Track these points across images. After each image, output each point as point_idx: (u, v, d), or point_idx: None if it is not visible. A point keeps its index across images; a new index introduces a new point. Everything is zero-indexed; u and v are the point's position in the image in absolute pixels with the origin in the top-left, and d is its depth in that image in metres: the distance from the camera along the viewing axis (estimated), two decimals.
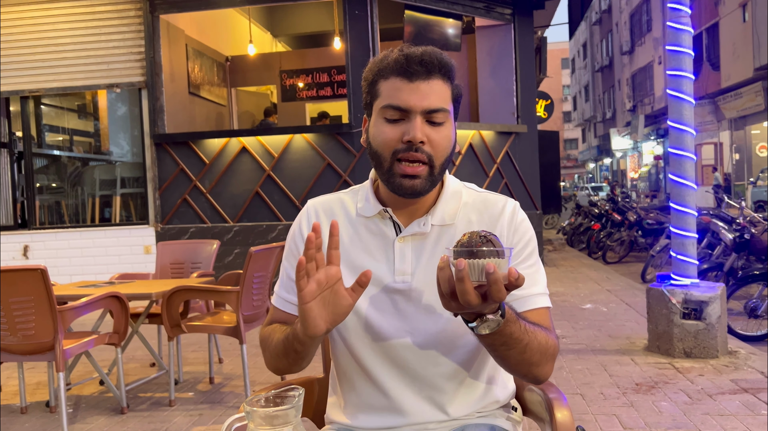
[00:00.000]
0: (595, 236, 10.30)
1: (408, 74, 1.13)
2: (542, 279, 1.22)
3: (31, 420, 3.34)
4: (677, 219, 4.10)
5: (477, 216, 1.22)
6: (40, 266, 2.82)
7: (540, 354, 1.12)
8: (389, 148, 1.14)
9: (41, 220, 8.01)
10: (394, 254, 1.20)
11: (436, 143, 1.14)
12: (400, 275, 1.19)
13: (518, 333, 1.07)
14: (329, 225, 1.19)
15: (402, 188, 1.15)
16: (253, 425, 0.86)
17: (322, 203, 1.30)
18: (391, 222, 1.22)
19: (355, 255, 1.22)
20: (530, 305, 1.18)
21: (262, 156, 7.17)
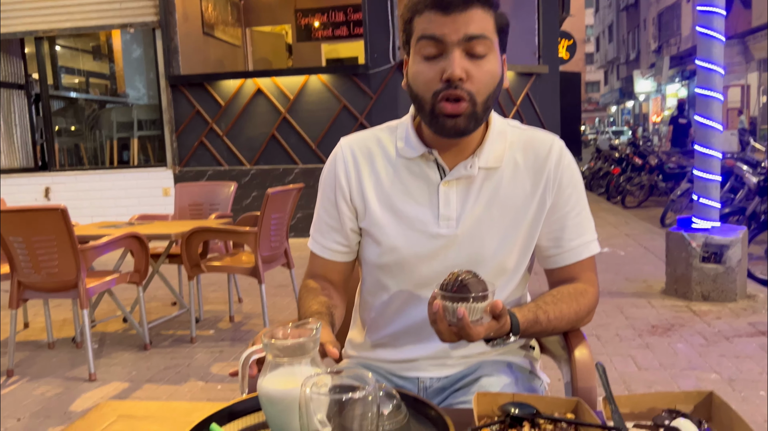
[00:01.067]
0: (614, 180, 10.16)
1: (443, 6, 1.04)
2: (590, 226, 1.18)
3: (58, 355, 3.45)
4: (701, 161, 4.01)
5: (522, 158, 1.16)
6: (60, 206, 2.85)
7: (571, 325, 1.14)
8: (429, 89, 1.07)
9: (61, 162, 8.08)
10: (439, 198, 1.14)
11: (477, 78, 1.05)
12: (444, 220, 1.14)
13: (541, 329, 1.08)
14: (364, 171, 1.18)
15: (444, 129, 1.08)
16: (270, 356, 0.86)
17: (358, 142, 1.22)
18: (435, 165, 1.15)
19: (396, 198, 1.16)
20: (576, 257, 1.16)
21: (278, 98, 7.09)
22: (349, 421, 0.74)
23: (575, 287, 1.15)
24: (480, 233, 1.14)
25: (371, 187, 1.18)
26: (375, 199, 1.18)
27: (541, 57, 8.24)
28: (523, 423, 0.84)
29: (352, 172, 1.20)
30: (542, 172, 1.15)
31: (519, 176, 1.15)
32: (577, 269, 1.17)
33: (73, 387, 2.98)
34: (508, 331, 1.01)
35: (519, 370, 1.21)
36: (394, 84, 6.81)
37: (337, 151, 1.23)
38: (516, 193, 1.15)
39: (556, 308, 1.09)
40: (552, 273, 1.20)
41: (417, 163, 1.16)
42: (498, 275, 1.17)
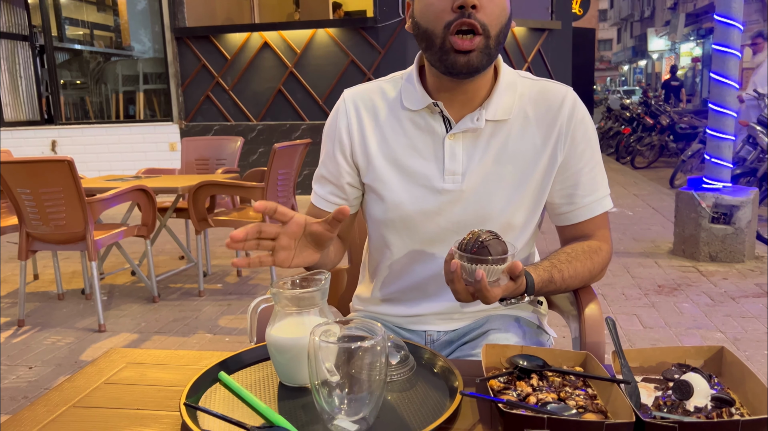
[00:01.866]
0: (624, 140, 10.05)
1: None
2: (603, 181, 1.16)
3: (68, 306, 3.50)
4: (715, 120, 3.94)
5: (533, 110, 1.12)
6: (67, 158, 2.84)
7: (584, 283, 1.13)
8: (440, 21, 1.01)
9: (67, 116, 8.04)
10: (444, 152, 1.11)
11: (488, 9, 1.01)
12: (450, 175, 1.11)
13: (556, 288, 1.06)
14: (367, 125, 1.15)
15: (456, 65, 1.03)
16: (279, 307, 0.86)
17: (361, 94, 1.19)
18: (440, 117, 1.11)
19: (400, 152, 1.13)
20: (590, 213, 1.14)
21: (285, 52, 6.98)
22: (357, 370, 0.74)
23: (589, 245, 1.13)
24: (487, 189, 1.11)
25: (375, 142, 1.15)
26: (379, 154, 1.15)
27: (553, 12, 8.05)
28: (531, 375, 0.83)
29: (354, 126, 1.17)
30: (554, 125, 1.11)
31: (529, 129, 1.11)
32: (591, 225, 1.15)
33: (83, 337, 3.02)
34: (523, 291, 1.00)
35: (527, 325, 1.21)
36: (403, 38, 6.68)
37: (340, 104, 1.20)
38: (525, 147, 1.11)
39: (571, 266, 1.07)
40: (564, 230, 1.18)
41: (422, 116, 1.13)
42: (505, 232, 1.14)
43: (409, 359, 0.92)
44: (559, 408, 0.75)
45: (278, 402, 0.82)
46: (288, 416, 0.77)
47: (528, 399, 0.78)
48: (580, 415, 0.74)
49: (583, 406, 0.76)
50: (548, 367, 0.85)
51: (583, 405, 0.77)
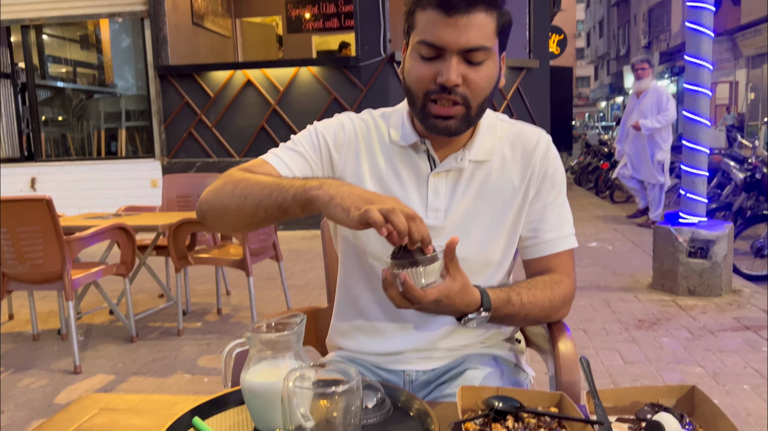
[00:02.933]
0: (603, 175, 10.20)
1: (446, 7, 1.02)
2: (569, 220, 1.20)
3: (43, 347, 3.43)
4: (689, 156, 4.03)
5: (510, 151, 1.17)
6: (45, 196, 2.82)
7: (545, 312, 1.14)
8: (422, 88, 1.07)
9: (47, 153, 8.00)
10: (428, 189, 1.15)
11: (473, 84, 1.05)
12: (432, 212, 1.15)
13: (514, 311, 1.08)
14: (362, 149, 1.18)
15: (435, 129, 1.09)
16: (254, 350, 0.86)
17: (359, 121, 1.22)
18: (426, 155, 1.16)
19: (390, 184, 1.17)
20: (554, 249, 1.17)
21: (268, 89, 7.05)
22: (332, 415, 0.74)
23: (551, 277, 1.16)
24: (467, 225, 1.15)
25: (367, 170, 1.18)
26: (371, 180, 1.17)
27: (531, 51, 8.25)
28: (506, 417, 0.84)
29: (351, 147, 1.19)
30: (529, 164, 1.17)
31: (507, 169, 1.17)
32: (554, 261, 1.18)
33: (58, 379, 2.96)
34: (478, 306, 1.01)
35: (504, 363, 1.21)
36: (385, 76, 6.79)
37: (343, 120, 1.22)
38: (504, 185, 1.16)
39: (530, 293, 1.10)
40: (529, 265, 1.21)
41: (408, 152, 1.17)
42: (484, 268, 1.17)
43: (385, 402, 0.92)
44: None
45: None
46: None
47: None
48: None
49: None
50: (523, 409, 0.85)
51: None
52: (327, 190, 0.92)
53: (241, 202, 1.03)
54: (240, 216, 1.04)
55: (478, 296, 1.01)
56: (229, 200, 1.05)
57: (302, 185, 0.95)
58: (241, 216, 1.04)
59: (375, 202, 0.89)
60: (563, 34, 13.52)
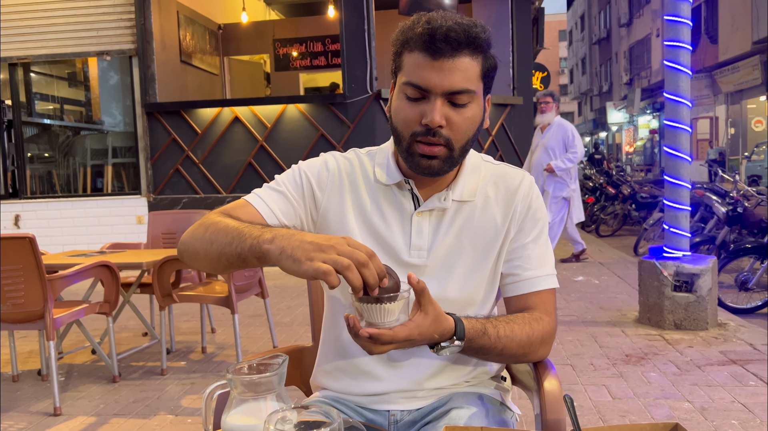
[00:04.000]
0: (588, 209, 10.31)
1: (431, 51, 1.05)
2: (550, 260, 1.21)
3: (23, 388, 3.35)
4: (671, 192, 4.09)
5: (494, 191, 1.20)
6: (29, 234, 2.79)
7: (523, 349, 1.13)
8: (408, 129, 1.10)
9: (32, 190, 7.95)
10: (411, 227, 1.17)
11: (456, 126, 1.08)
12: (415, 250, 1.16)
13: (490, 344, 1.08)
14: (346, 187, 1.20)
15: (419, 168, 1.11)
16: (235, 392, 0.85)
17: (343, 160, 1.23)
18: (410, 194, 1.18)
19: (375, 221, 1.18)
20: (534, 287, 1.18)
21: (255, 126, 7.10)
22: None
23: (531, 314, 1.16)
24: (449, 264, 1.16)
25: (351, 207, 1.19)
26: (355, 219, 1.18)
27: (515, 88, 8.40)
28: None
29: (335, 187, 1.20)
30: (511, 204, 1.19)
31: (489, 209, 1.19)
32: (536, 300, 1.18)
33: (37, 421, 2.88)
34: (451, 334, 1.01)
35: (490, 402, 1.21)
36: (372, 113, 6.87)
37: (327, 160, 1.23)
38: (487, 225, 1.18)
39: (508, 327, 1.10)
40: (510, 302, 1.22)
41: (393, 191, 1.19)
42: (466, 306, 1.17)
43: None
44: None
45: None
46: None
47: None
48: None
49: None
50: None
51: None
52: (278, 243, 0.92)
53: (207, 247, 1.04)
54: (207, 260, 1.05)
55: (452, 325, 1.01)
56: (200, 244, 1.06)
57: (257, 237, 0.95)
58: (208, 261, 1.05)
59: (325, 249, 0.88)
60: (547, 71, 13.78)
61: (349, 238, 0.90)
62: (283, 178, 1.22)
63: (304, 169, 1.22)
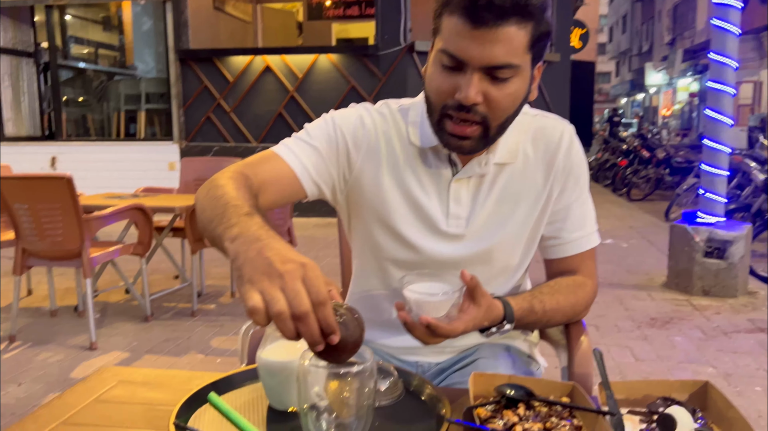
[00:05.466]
0: (621, 173, 10.11)
1: (473, 17, 0.91)
2: (592, 216, 1.16)
3: (60, 323, 3.48)
4: (709, 155, 3.99)
5: (533, 150, 1.10)
6: (66, 174, 2.86)
7: (567, 318, 1.12)
8: (440, 100, 0.98)
9: (68, 133, 8.08)
10: (449, 195, 1.09)
11: (495, 102, 0.96)
12: (454, 219, 1.09)
13: (536, 319, 1.06)
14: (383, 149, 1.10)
15: (449, 145, 1.02)
16: (270, 329, 0.87)
17: (378, 117, 1.12)
18: (447, 159, 1.09)
19: (409, 183, 1.10)
20: (577, 249, 1.14)
21: (286, 76, 7.06)
22: (345, 395, 0.75)
23: (574, 279, 1.14)
24: (489, 232, 1.11)
25: (387, 173, 1.11)
26: (392, 183, 1.10)
27: (553, 45, 8.17)
28: (518, 405, 0.84)
29: (371, 146, 1.11)
30: (552, 163, 1.11)
31: (529, 170, 1.11)
32: (578, 261, 1.15)
33: (74, 355, 3.01)
34: (501, 319, 1.00)
35: (517, 353, 1.22)
36: (404, 66, 6.76)
37: (363, 114, 1.12)
38: (527, 187, 1.11)
39: (553, 299, 1.07)
40: (551, 264, 1.18)
41: (428, 155, 1.10)
42: (501, 273, 1.15)
43: (397, 385, 0.93)
44: None
45: (267, 425, 0.83)
46: None
47: (514, 428, 0.79)
48: None
49: None
50: (535, 397, 0.86)
51: None
52: (237, 246, 0.73)
53: (200, 212, 0.90)
54: (200, 225, 0.91)
55: (502, 309, 0.99)
56: (198, 204, 0.92)
57: (228, 227, 0.77)
58: (201, 227, 0.90)
59: (272, 277, 0.67)
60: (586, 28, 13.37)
61: (311, 268, 0.68)
62: (315, 131, 1.10)
63: (339, 123, 1.11)
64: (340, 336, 0.68)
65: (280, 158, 1.06)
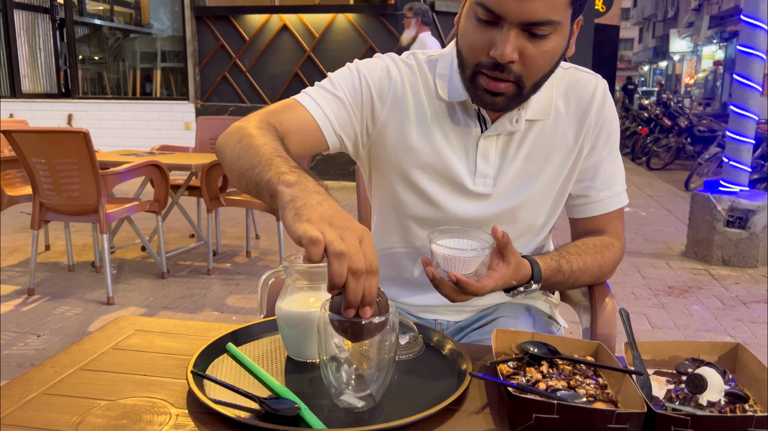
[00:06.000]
0: (641, 141, 9.95)
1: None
2: (621, 175, 1.12)
3: (78, 278, 3.52)
4: (735, 123, 3.88)
5: (564, 104, 1.06)
6: (83, 129, 2.84)
7: (594, 278, 1.09)
8: (473, 57, 0.93)
9: (84, 90, 8.07)
10: (477, 153, 1.05)
11: (531, 60, 0.91)
12: (481, 178, 1.05)
13: (563, 279, 1.03)
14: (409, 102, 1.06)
15: (481, 102, 0.97)
16: (290, 280, 0.85)
17: (405, 69, 1.07)
18: (475, 114, 1.04)
19: (435, 139, 1.06)
20: (606, 208, 1.11)
21: (303, 35, 6.95)
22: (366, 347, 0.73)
23: (601, 239, 1.10)
24: (516, 191, 1.07)
25: (414, 127, 1.06)
26: (418, 136, 1.06)
27: None
28: (541, 362, 0.82)
29: (397, 97, 1.06)
30: (585, 118, 1.07)
31: (561, 127, 1.07)
32: (605, 220, 1.12)
33: (92, 308, 3.04)
34: (528, 278, 0.97)
35: (537, 314, 1.20)
36: None
37: (389, 64, 1.07)
38: (558, 144, 1.07)
39: (580, 259, 1.05)
40: (577, 223, 1.15)
41: (456, 109, 1.05)
42: (527, 232, 1.12)
43: (418, 340, 0.91)
44: (569, 395, 0.74)
45: (285, 375, 0.82)
46: (295, 389, 0.76)
47: (538, 385, 0.77)
48: (590, 404, 0.73)
49: (593, 395, 0.75)
50: (559, 355, 0.84)
51: (593, 394, 0.76)
52: (296, 190, 0.72)
53: (233, 161, 0.88)
54: (231, 174, 0.91)
55: (530, 269, 0.97)
56: (229, 152, 0.91)
57: (281, 173, 0.76)
58: (232, 176, 0.90)
59: (335, 227, 0.67)
60: None
61: (369, 236, 0.69)
62: (339, 80, 1.06)
63: (364, 72, 1.06)
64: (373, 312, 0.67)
65: (303, 108, 1.03)
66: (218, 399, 0.73)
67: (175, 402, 0.74)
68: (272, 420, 0.69)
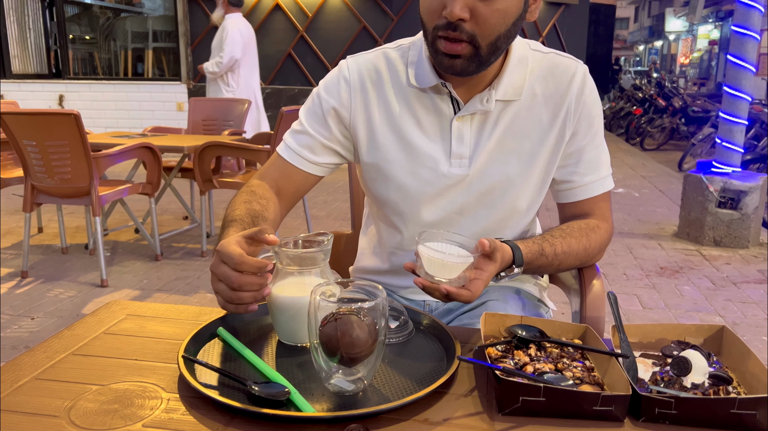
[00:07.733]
0: (635, 121, 9.94)
1: None
2: (606, 160, 1.12)
3: (71, 260, 3.52)
4: (728, 103, 3.89)
5: (542, 87, 1.06)
6: (74, 111, 2.82)
7: (580, 261, 1.09)
8: (431, 20, 0.96)
9: (75, 71, 7.98)
10: (451, 134, 1.06)
11: (482, 19, 0.92)
12: (456, 159, 1.06)
13: (547, 263, 1.03)
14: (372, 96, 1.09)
15: (442, 66, 0.98)
16: (281, 265, 0.86)
17: (366, 64, 1.10)
18: (448, 97, 1.06)
19: (405, 128, 1.07)
20: (591, 193, 1.11)
21: (296, 15, 6.88)
22: None
23: (587, 222, 1.11)
24: (492, 172, 1.07)
25: (379, 118, 1.09)
26: (385, 130, 1.09)
27: None
28: (529, 345, 0.83)
29: (358, 98, 1.10)
30: (563, 102, 1.07)
31: (536, 108, 1.07)
32: (591, 204, 1.13)
33: (86, 291, 3.05)
34: (510, 263, 0.97)
35: (527, 297, 1.21)
36: (417, 6, 6.56)
37: (343, 70, 1.11)
38: (532, 125, 1.07)
39: (564, 242, 1.05)
40: (564, 208, 1.16)
41: (428, 95, 1.07)
42: (510, 217, 1.12)
43: (407, 324, 0.92)
44: (555, 378, 0.75)
45: (276, 360, 0.83)
46: (285, 373, 0.77)
47: (525, 368, 0.78)
48: (576, 386, 0.74)
49: (579, 378, 0.77)
50: (547, 338, 0.85)
51: (580, 376, 0.77)
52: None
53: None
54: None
55: (511, 255, 0.97)
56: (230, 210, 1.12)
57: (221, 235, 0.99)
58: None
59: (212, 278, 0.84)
60: None
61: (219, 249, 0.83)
62: (303, 115, 1.14)
63: (321, 93, 1.12)
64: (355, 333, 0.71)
65: (282, 159, 1.14)
66: (209, 384, 0.74)
67: (167, 387, 0.75)
68: (263, 404, 0.69)
